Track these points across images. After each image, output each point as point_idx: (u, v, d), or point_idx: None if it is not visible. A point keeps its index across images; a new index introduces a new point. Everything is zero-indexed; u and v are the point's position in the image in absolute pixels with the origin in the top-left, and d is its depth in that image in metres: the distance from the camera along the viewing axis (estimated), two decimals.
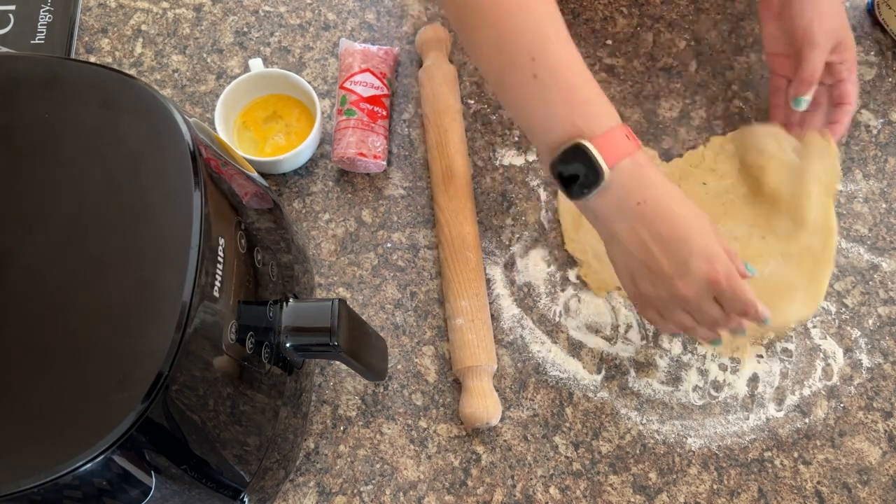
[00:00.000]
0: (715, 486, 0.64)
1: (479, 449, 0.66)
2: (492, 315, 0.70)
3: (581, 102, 0.56)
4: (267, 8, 0.82)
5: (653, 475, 0.65)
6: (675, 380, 0.68)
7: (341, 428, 0.66)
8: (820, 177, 0.71)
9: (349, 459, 0.65)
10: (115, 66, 0.72)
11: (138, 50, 0.80)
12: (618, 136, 0.55)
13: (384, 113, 0.75)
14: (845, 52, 0.68)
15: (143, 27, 0.81)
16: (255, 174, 0.60)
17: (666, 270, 0.56)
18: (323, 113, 0.75)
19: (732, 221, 0.73)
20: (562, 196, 0.73)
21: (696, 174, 0.75)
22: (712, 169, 0.75)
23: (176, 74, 0.79)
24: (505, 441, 0.66)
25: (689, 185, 0.74)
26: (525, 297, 0.70)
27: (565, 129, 0.55)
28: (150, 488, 0.43)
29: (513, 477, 0.65)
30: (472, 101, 0.78)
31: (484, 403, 0.64)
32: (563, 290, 0.71)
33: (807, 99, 0.68)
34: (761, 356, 0.69)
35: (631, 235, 0.56)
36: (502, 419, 0.66)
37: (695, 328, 0.60)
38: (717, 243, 0.56)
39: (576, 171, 0.55)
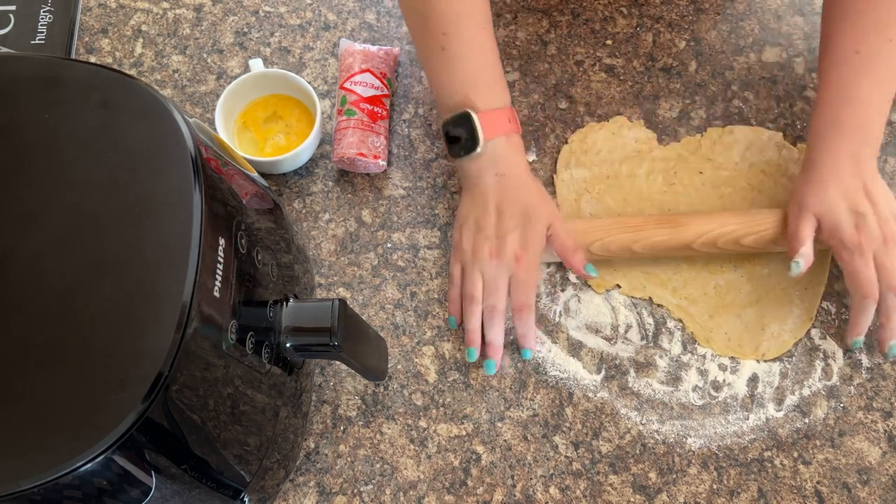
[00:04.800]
0: (715, 486, 0.64)
1: (479, 449, 0.66)
2: None
3: (478, 81, 0.66)
4: (267, 8, 0.82)
5: (653, 475, 0.65)
6: (674, 380, 0.68)
7: (341, 428, 0.66)
8: None
9: (349, 459, 0.65)
10: (116, 67, 0.72)
11: (138, 50, 0.80)
12: (500, 116, 0.66)
13: (384, 113, 0.75)
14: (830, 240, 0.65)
15: (144, 27, 0.81)
16: (255, 174, 0.60)
17: (488, 231, 0.65)
18: (323, 113, 0.75)
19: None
20: (560, 194, 0.74)
21: (693, 161, 0.75)
22: (709, 158, 0.75)
23: (176, 75, 0.79)
24: (505, 441, 0.66)
25: (684, 172, 0.74)
26: None
27: (460, 98, 0.66)
28: (150, 488, 0.43)
29: (513, 477, 0.65)
30: None
31: None
32: (563, 290, 0.71)
33: (794, 261, 0.65)
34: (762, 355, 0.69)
35: (482, 196, 0.66)
36: (502, 419, 0.66)
37: (476, 305, 0.65)
38: (540, 235, 0.65)
39: (459, 135, 0.65)
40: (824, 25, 0.68)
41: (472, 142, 0.65)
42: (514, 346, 0.68)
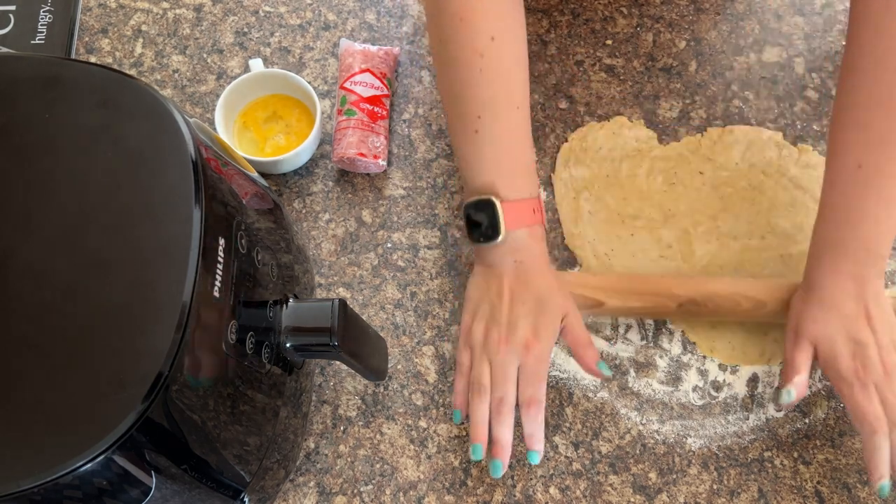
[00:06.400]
0: (715, 486, 0.64)
1: None
2: None
3: (506, 169, 0.63)
4: (267, 8, 0.82)
5: (653, 475, 0.65)
6: (674, 380, 0.68)
7: (341, 428, 0.66)
8: (815, 191, 0.72)
9: (349, 459, 0.65)
10: (116, 67, 0.72)
11: (138, 50, 0.80)
12: (525, 208, 0.63)
13: (384, 113, 0.75)
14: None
15: (144, 27, 0.81)
16: (255, 174, 0.60)
17: (499, 317, 0.62)
18: (323, 113, 0.75)
19: (732, 218, 0.73)
20: (559, 193, 0.73)
21: (693, 161, 0.75)
22: (709, 158, 0.75)
23: (176, 75, 0.79)
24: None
25: (685, 172, 0.74)
26: None
27: (486, 183, 0.62)
28: (150, 488, 0.43)
29: (513, 477, 0.65)
30: None
31: None
32: None
33: (786, 390, 0.62)
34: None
35: (496, 279, 0.63)
36: None
37: (483, 395, 0.61)
38: (553, 325, 0.62)
39: (480, 220, 0.62)
40: (829, 135, 0.63)
41: (493, 230, 0.62)
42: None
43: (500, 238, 0.62)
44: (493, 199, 0.61)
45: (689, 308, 0.66)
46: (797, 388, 0.61)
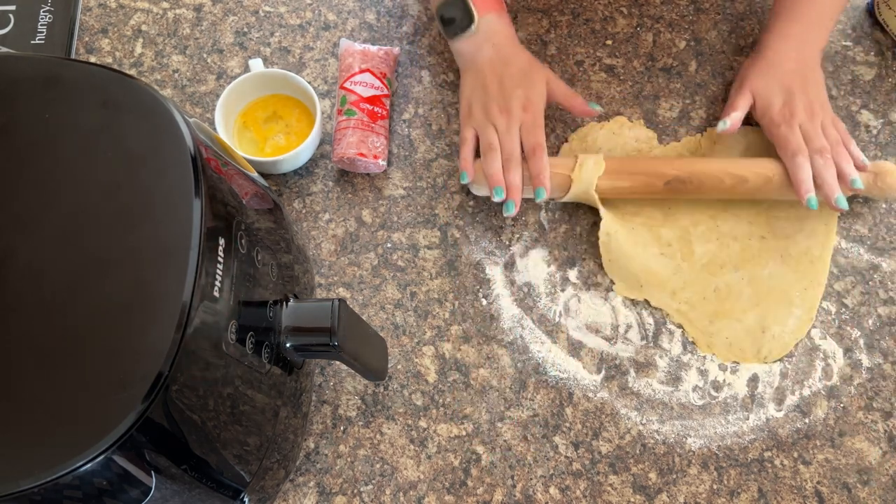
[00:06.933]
0: (715, 486, 0.64)
1: (479, 449, 0.66)
2: (491, 315, 0.70)
3: None
4: (267, 8, 0.82)
5: (653, 475, 0.65)
6: (674, 380, 0.68)
7: (341, 428, 0.66)
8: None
9: (349, 459, 0.65)
10: (116, 67, 0.72)
11: (138, 50, 0.80)
12: None
13: (384, 113, 0.75)
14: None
15: (144, 27, 0.81)
16: (255, 174, 0.60)
17: (495, 94, 0.70)
18: (323, 113, 0.75)
19: (732, 218, 0.73)
20: (604, 226, 0.71)
21: None
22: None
23: (176, 74, 0.79)
24: (505, 441, 0.66)
25: None
26: (525, 297, 0.70)
27: None
28: (150, 488, 0.43)
29: (513, 477, 0.65)
30: None
31: None
32: (563, 290, 0.71)
33: (722, 121, 0.72)
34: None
35: (482, 70, 0.71)
36: (502, 419, 0.66)
37: (494, 152, 0.69)
38: (541, 91, 0.70)
39: (453, 15, 0.71)
40: None
41: (467, 20, 0.70)
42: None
43: (475, 25, 0.71)
44: None
45: (675, 186, 0.70)
46: (732, 121, 0.71)
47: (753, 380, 0.68)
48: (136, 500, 0.43)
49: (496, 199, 0.68)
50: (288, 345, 0.53)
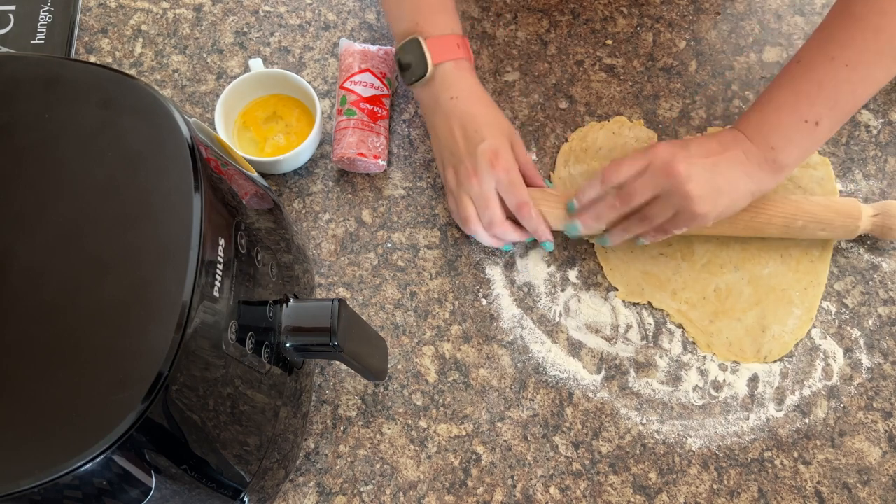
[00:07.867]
0: (715, 486, 0.64)
1: (479, 449, 0.66)
2: (491, 315, 0.70)
3: (427, 9, 0.69)
4: (267, 8, 0.82)
5: (653, 475, 0.65)
6: (675, 380, 0.68)
7: (341, 428, 0.66)
8: (814, 190, 0.73)
9: (349, 459, 0.65)
10: (115, 66, 0.72)
11: (138, 50, 0.80)
12: (449, 42, 0.68)
13: (384, 113, 0.75)
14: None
15: (143, 27, 0.81)
16: (255, 174, 0.60)
17: (461, 153, 0.66)
18: (323, 113, 0.75)
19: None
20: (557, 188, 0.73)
21: None
22: None
23: (176, 74, 0.79)
24: (505, 441, 0.66)
25: None
26: (525, 297, 0.70)
27: (409, 25, 0.69)
28: (150, 488, 0.43)
29: (513, 477, 0.65)
30: None
31: None
32: (563, 290, 0.71)
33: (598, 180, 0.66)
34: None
35: (443, 125, 0.68)
36: (502, 419, 0.66)
37: (474, 224, 0.67)
38: (505, 142, 0.66)
39: (410, 61, 0.68)
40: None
41: (422, 67, 0.67)
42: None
43: (429, 73, 0.67)
44: (418, 37, 0.67)
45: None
46: (609, 174, 0.64)
47: (753, 380, 0.68)
48: (136, 500, 0.43)
49: (505, 249, 0.71)
50: (288, 345, 0.53)
